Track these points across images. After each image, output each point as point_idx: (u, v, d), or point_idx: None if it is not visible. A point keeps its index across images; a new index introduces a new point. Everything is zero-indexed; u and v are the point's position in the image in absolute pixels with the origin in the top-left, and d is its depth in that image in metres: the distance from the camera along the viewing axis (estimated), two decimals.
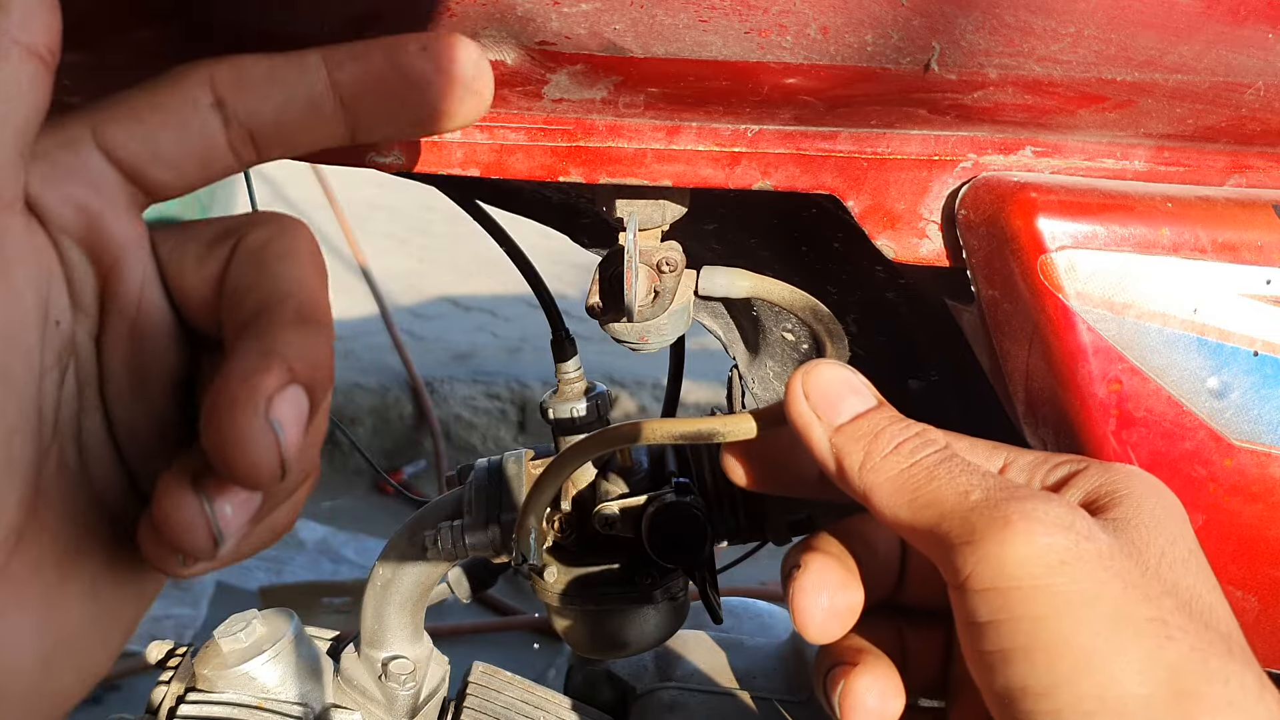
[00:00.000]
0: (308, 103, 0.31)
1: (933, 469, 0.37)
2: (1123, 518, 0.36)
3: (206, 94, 0.31)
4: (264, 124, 0.31)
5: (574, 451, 0.48)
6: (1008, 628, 0.34)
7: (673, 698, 0.96)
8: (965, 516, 0.35)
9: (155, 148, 0.30)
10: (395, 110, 0.32)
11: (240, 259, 0.32)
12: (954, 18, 0.42)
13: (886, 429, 0.39)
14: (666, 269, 0.56)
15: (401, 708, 0.82)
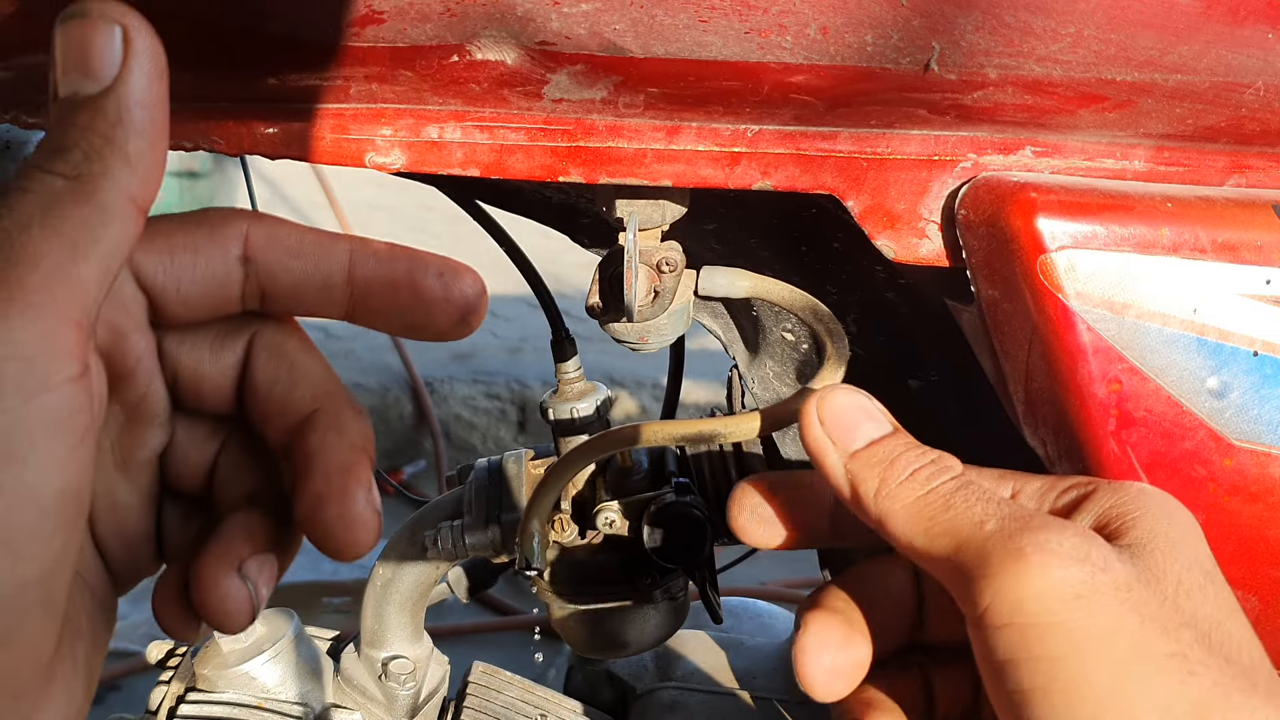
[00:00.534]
0: (324, 282, 0.34)
1: (949, 497, 0.37)
2: (1138, 542, 0.36)
3: (239, 247, 0.33)
4: (279, 288, 0.34)
5: (575, 455, 0.48)
6: (1026, 667, 0.33)
7: (673, 698, 0.96)
8: (981, 547, 0.35)
9: (180, 285, 0.33)
10: (396, 314, 0.34)
11: (264, 354, 0.35)
12: (954, 18, 0.42)
13: (902, 455, 0.39)
14: (666, 269, 0.56)
15: (401, 708, 0.82)
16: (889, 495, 0.38)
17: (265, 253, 0.33)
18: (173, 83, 0.46)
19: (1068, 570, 0.33)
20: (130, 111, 0.29)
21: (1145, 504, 0.38)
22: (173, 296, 0.33)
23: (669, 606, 0.78)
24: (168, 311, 0.33)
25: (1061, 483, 0.40)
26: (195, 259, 0.33)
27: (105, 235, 0.29)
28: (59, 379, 0.27)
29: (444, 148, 0.49)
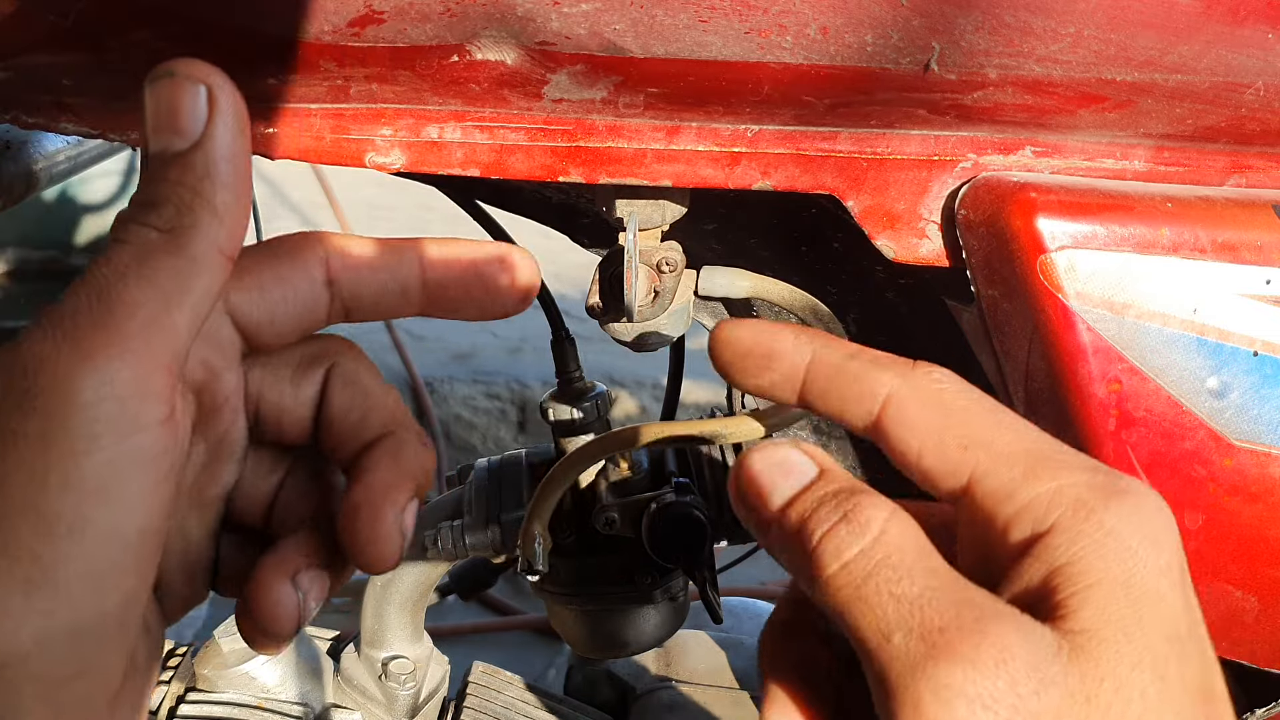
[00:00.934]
0: (400, 289, 0.37)
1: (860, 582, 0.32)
2: (1082, 633, 0.31)
3: (322, 272, 0.35)
4: (360, 301, 0.36)
5: (577, 457, 0.48)
6: None
7: (673, 698, 0.96)
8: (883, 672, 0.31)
9: (274, 317, 0.35)
10: (467, 304, 0.38)
11: (339, 385, 0.38)
12: (954, 18, 0.42)
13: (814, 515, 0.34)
14: (666, 269, 0.56)
15: (401, 708, 0.82)
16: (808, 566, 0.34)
17: (346, 272, 0.36)
18: None
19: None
20: (217, 166, 0.31)
21: (1105, 564, 0.32)
22: (267, 328, 0.35)
23: (669, 606, 0.78)
24: (261, 341, 0.35)
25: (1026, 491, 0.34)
26: (285, 290, 0.35)
27: (196, 285, 0.31)
28: (150, 420, 0.29)
29: (444, 148, 0.49)
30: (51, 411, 0.28)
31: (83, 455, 0.28)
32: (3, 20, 0.40)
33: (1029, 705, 0.30)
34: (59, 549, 0.28)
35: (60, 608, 0.28)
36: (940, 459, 0.34)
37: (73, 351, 0.29)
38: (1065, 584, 0.32)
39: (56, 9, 0.40)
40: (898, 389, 0.35)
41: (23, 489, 0.28)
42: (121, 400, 0.29)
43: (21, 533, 0.28)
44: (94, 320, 0.29)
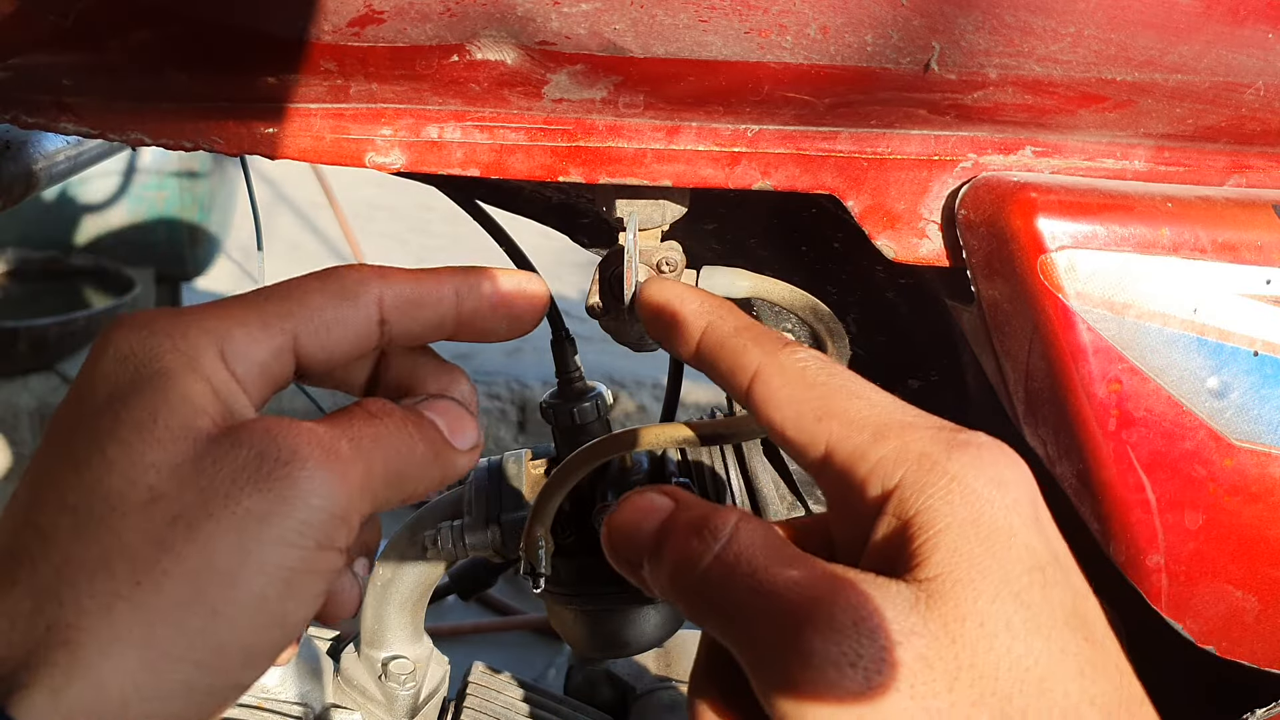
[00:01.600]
0: (439, 321, 0.40)
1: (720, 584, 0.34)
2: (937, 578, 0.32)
3: (376, 312, 0.38)
4: (406, 336, 0.40)
5: (578, 460, 0.48)
6: None
7: (673, 698, 0.96)
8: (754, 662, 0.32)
9: (330, 354, 0.37)
10: (492, 327, 0.41)
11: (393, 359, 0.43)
12: (954, 18, 0.42)
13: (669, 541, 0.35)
14: (666, 269, 0.56)
15: (401, 708, 0.82)
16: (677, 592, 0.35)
17: (395, 312, 0.39)
18: (173, 83, 0.46)
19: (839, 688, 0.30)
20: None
21: (951, 508, 0.33)
22: (321, 362, 0.37)
23: (669, 607, 0.78)
24: (314, 372, 0.38)
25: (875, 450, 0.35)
26: (345, 330, 0.37)
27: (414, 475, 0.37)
28: (339, 543, 0.33)
29: (444, 148, 0.49)
30: (282, 498, 0.31)
31: (288, 546, 0.32)
32: (3, 20, 0.40)
33: (894, 656, 0.30)
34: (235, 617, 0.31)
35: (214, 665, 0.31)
36: (799, 431, 0.36)
37: (326, 463, 0.33)
38: (916, 534, 0.33)
39: (56, 9, 0.40)
40: (764, 366, 0.37)
41: (227, 556, 0.31)
42: (333, 518, 0.33)
43: (210, 592, 0.30)
44: (342, 448, 0.34)
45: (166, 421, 0.32)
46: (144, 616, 0.30)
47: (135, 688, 0.29)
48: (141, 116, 0.48)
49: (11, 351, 2.68)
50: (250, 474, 0.31)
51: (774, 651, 0.31)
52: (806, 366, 0.37)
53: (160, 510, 0.31)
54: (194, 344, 0.34)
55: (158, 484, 0.31)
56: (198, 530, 0.31)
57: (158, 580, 0.30)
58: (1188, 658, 0.52)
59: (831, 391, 0.36)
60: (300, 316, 0.36)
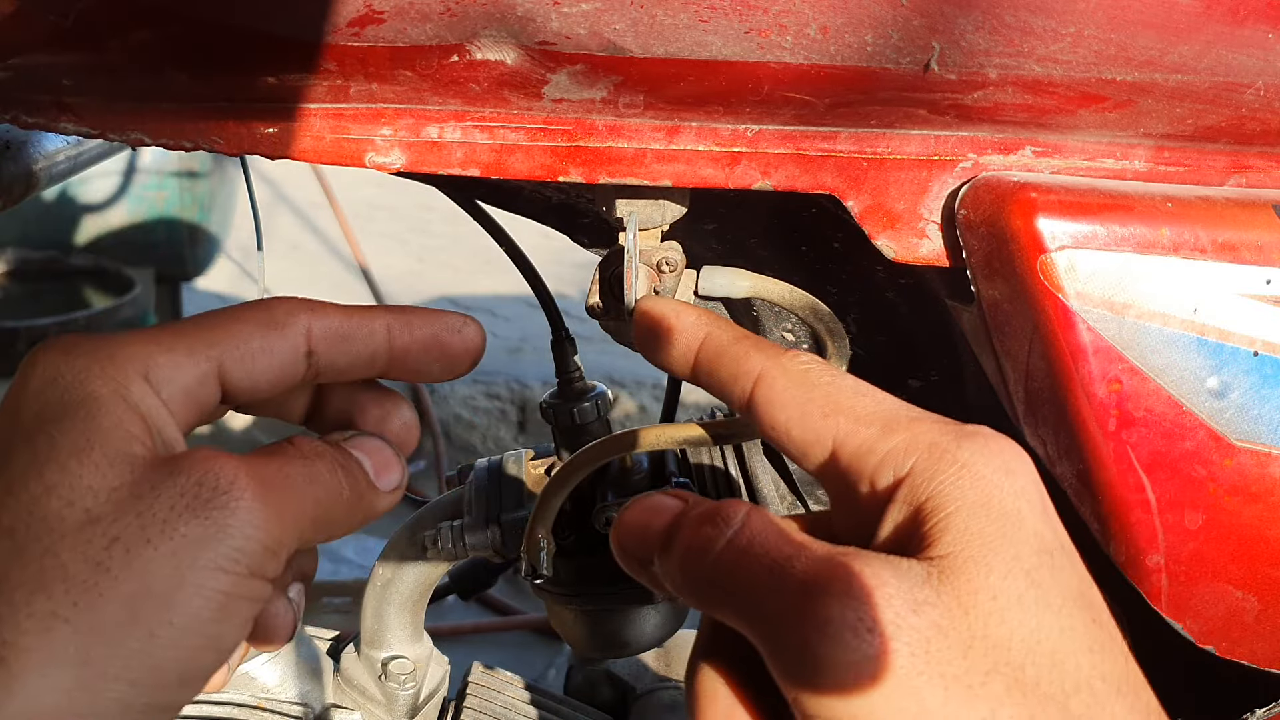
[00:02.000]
0: (370, 357, 0.40)
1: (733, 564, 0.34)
2: (949, 555, 0.32)
3: (304, 343, 0.39)
4: (334, 369, 0.40)
5: (579, 461, 0.48)
6: None
7: (673, 698, 0.96)
8: (770, 632, 0.32)
9: (255, 382, 0.38)
10: (424, 366, 0.41)
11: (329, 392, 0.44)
12: (954, 18, 0.42)
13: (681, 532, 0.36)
14: (666, 269, 0.56)
15: (401, 708, 0.82)
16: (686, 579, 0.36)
17: (323, 343, 0.39)
18: (173, 83, 0.46)
19: (857, 653, 0.30)
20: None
21: (962, 492, 0.33)
22: (246, 390, 0.38)
23: (669, 606, 0.78)
24: (236, 399, 0.39)
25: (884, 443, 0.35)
26: (270, 360, 0.38)
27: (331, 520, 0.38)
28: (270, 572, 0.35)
29: (444, 148, 0.49)
30: (220, 526, 0.33)
31: (222, 572, 0.33)
32: (3, 20, 0.40)
33: (908, 623, 0.31)
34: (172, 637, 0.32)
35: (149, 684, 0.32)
36: (805, 429, 0.37)
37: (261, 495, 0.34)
38: (928, 517, 0.33)
39: (56, 9, 0.40)
40: (768, 369, 0.38)
41: (164, 579, 0.32)
42: (265, 549, 0.34)
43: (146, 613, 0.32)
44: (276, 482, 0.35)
45: (103, 448, 0.33)
46: (81, 637, 0.31)
47: (70, 705, 0.30)
48: (141, 116, 0.48)
49: (11, 351, 2.68)
50: (189, 502, 0.33)
51: (790, 623, 0.32)
52: (810, 369, 0.38)
53: (98, 533, 0.32)
54: (120, 369, 0.35)
55: (94, 507, 0.32)
56: (136, 554, 0.32)
57: (94, 602, 0.31)
58: (1188, 658, 0.52)
59: (837, 390, 0.37)
60: (225, 345, 0.37)
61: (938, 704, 0.30)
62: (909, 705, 0.30)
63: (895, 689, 0.30)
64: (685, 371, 0.42)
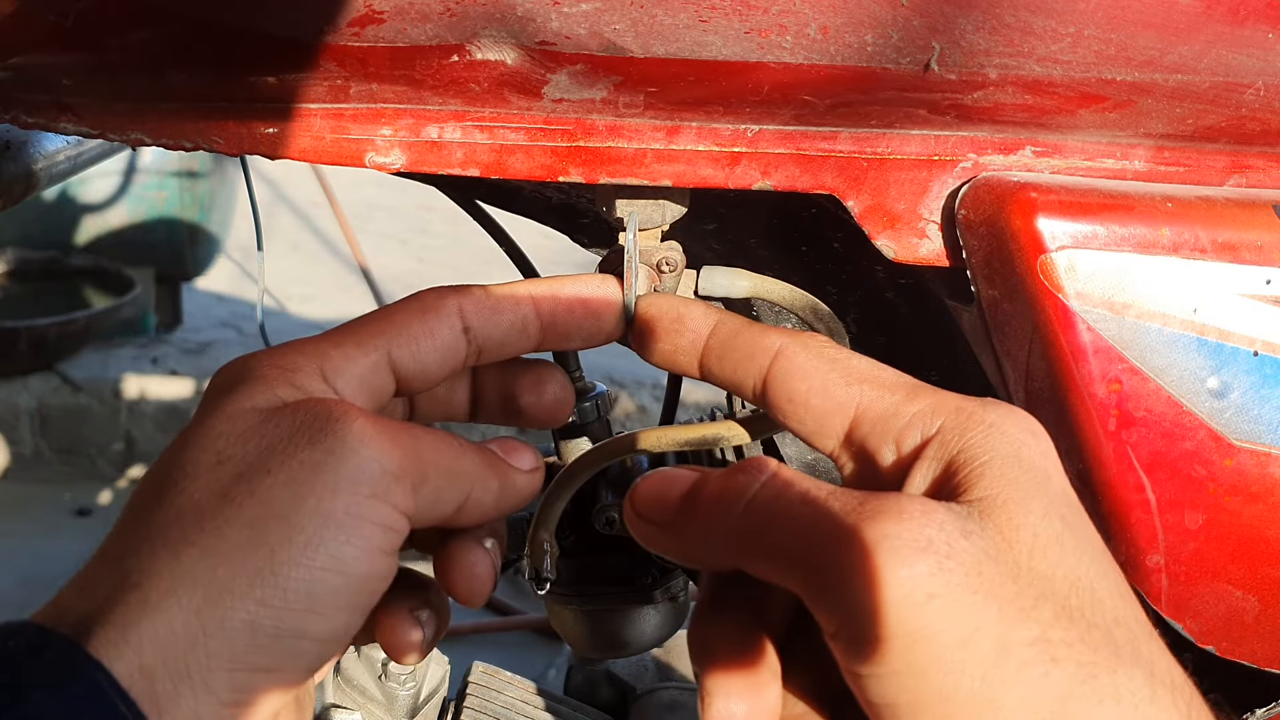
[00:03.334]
0: (522, 328, 0.42)
1: (769, 507, 0.34)
2: (986, 497, 0.33)
3: (459, 321, 0.41)
4: (492, 344, 0.42)
5: (580, 465, 0.48)
6: (890, 683, 0.31)
7: (673, 698, 0.96)
8: (817, 561, 0.32)
9: (425, 367, 0.40)
10: (574, 331, 0.43)
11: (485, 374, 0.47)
12: (954, 18, 0.42)
13: (705, 490, 0.37)
14: (666, 269, 0.56)
15: (401, 708, 0.82)
16: (713, 532, 0.36)
17: (476, 319, 0.41)
18: (173, 83, 0.46)
19: (913, 569, 0.31)
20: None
21: (993, 445, 0.34)
22: (418, 376, 0.40)
23: (669, 606, 0.78)
24: (410, 386, 0.41)
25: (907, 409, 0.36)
26: (434, 343, 0.40)
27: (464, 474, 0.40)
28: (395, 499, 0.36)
29: (444, 148, 0.49)
30: (332, 450, 0.34)
31: (340, 492, 0.34)
32: (3, 20, 0.40)
33: (959, 546, 0.31)
34: (292, 554, 0.33)
35: (275, 604, 0.33)
36: (827, 397, 0.37)
37: (374, 425, 0.35)
38: (960, 468, 0.34)
39: (56, 9, 0.40)
40: (787, 344, 0.39)
41: (284, 502, 0.33)
42: (385, 472, 0.35)
43: (269, 533, 0.33)
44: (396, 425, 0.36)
45: (239, 403, 0.36)
46: (208, 559, 0.32)
47: (200, 624, 0.32)
48: (141, 116, 0.48)
49: (11, 351, 2.68)
50: (304, 432, 0.35)
51: (839, 551, 0.32)
52: (827, 344, 0.39)
53: (226, 470, 0.34)
54: (291, 360, 0.38)
55: (225, 449, 0.35)
56: (257, 483, 0.34)
57: (220, 527, 0.33)
58: (1187, 658, 0.52)
59: (858, 362, 0.38)
60: (390, 333, 0.40)
61: (992, 622, 0.31)
62: (964, 622, 0.30)
63: (951, 606, 0.31)
64: (693, 363, 0.42)
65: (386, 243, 4.43)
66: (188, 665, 0.31)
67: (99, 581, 0.33)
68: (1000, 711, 0.30)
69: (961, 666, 0.30)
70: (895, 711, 0.31)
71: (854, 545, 0.32)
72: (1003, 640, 0.31)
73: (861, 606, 0.31)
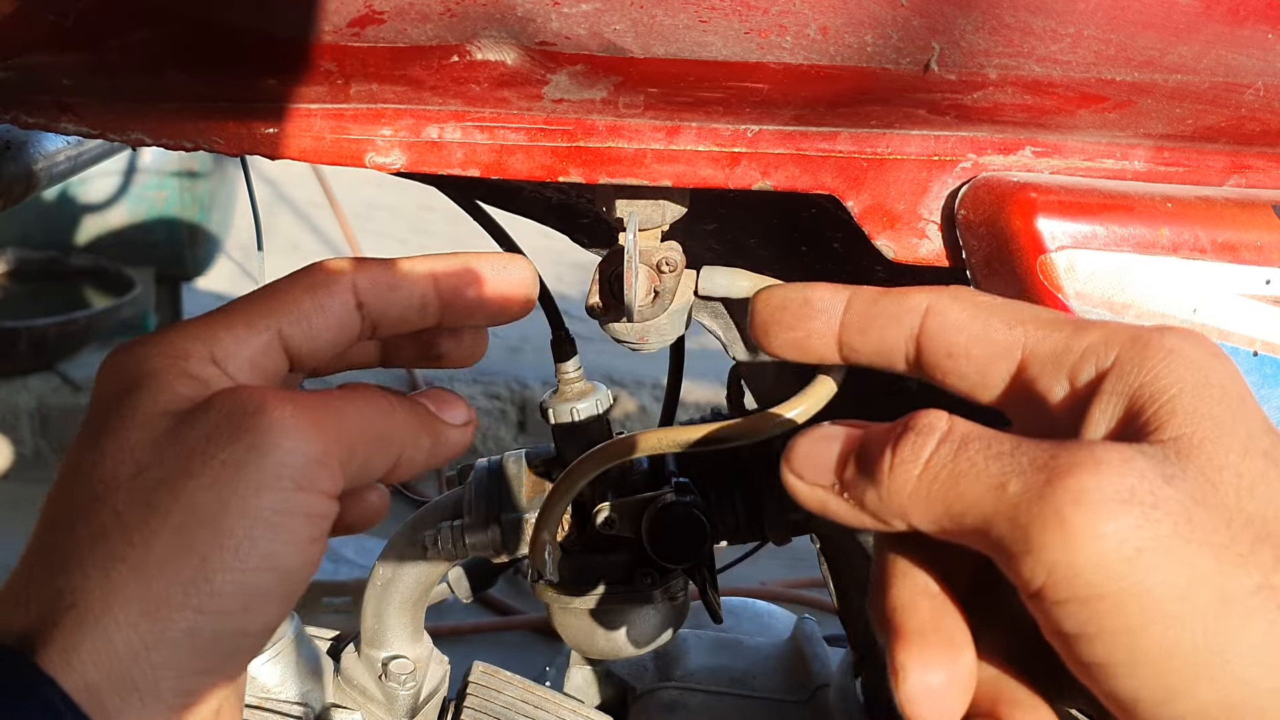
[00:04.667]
0: (420, 305, 0.41)
1: (952, 464, 0.32)
2: (1181, 436, 0.31)
3: (351, 297, 0.40)
4: (387, 318, 0.41)
5: (583, 465, 0.48)
6: (1102, 642, 0.29)
7: (673, 698, 0.96)
8: (1012, 519, 0.30)
9: (316, 343, 0.39)
10: (476, 308, 0.41)
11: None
12: (954, 18, 0.42)
13: (872, 445, 0.34)
14: (666, 269, 0.56)
15: (401, 708, 0.82)
16: (890, 493, 0.33)
17: (371, 295, 0.40)
18: (173, 83, 0.46)
19: (1118, 522, 0.29)
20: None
21: (1178, 374, 0.32)
22: (309, 353, 0.39)
23: (669, 606, 0.78)
24: (302, 364, 0.40)
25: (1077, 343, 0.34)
26: (325, 318, 0.39)
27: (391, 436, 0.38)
28: (322, 486, 0.35)
29: (444, 148, 0.49)
30: (253, 446, 0.34)
31: (265, 490, 0.33)
32: (3, 20, 0.40)
33: (1164, 494, 0.29)
34: (224, 559, 0.33)
35: (212, 609, 0.33)
36: (989, 344, 0.35)
37: (293, 413, 0.35)
38: (1146, 405, 0.32)
39: (56, 9, 0.40)
40: (936, 300, 0.36)
41: (209, 506, 0.33)
42: (309, 462, 0.34)
43: (198, 541, 0.33)
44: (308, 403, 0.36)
45: (148, 409, 0.35)
46: (139, 573, 0.32)
47: (141, 638, 0.32)
48: (141, 116, 0.48)
49: (11, 351, 2.68)
50: (222, 431, 0.34)
51: (1035, 502, 0.30)
52: (974, 293, 0.37)
53: (146, 480, 0.34)
54: (181, 348, 0.36)
55: (142, 458, 0.34)
56: (180, 489, 0.33)
57: (148, 539, 0.33)
58: None
59: (1015, 305, 0.36)
60: (281, 311, 0.38)
61: (1210, 570, 0.29)
62: (1180, 573, 0.29)
63: (1163, 558, 0.29)
64: (830, 344, 0.39)
65: (386, 243, 4.42)
66: (133, 679, 0.32)
67: (32, 598, 0.33)
68: (1228, 665, 0.29)
69: (1181, 621, 0.29)
70: (1110, 671, 0.30)
71: (1052, 502, 0.29)
72: (1223, 590, 0.29)
73: (1066, 566, 0.29)
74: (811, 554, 0.92)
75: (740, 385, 0.85)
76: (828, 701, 0.96)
